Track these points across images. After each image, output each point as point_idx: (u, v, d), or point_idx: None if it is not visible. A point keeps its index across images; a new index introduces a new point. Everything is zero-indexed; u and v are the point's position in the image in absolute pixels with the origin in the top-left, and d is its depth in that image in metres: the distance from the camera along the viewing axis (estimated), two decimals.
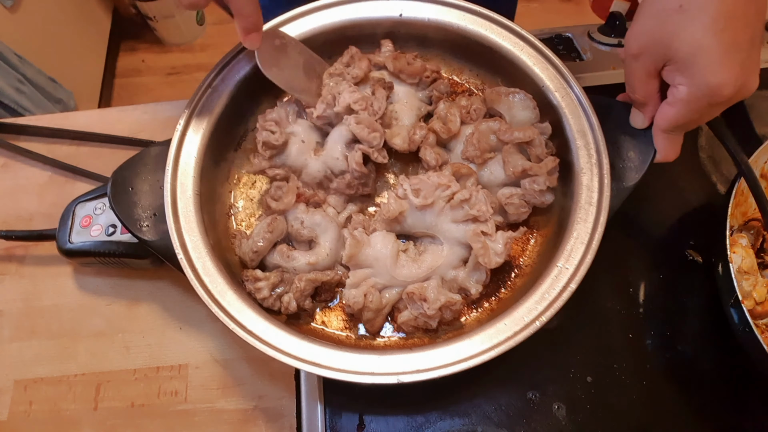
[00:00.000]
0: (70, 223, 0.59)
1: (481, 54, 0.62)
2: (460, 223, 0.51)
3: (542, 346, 0.55)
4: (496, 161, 0.56)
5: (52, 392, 0.57)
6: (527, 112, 0.57)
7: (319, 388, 0.54)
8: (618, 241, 0.61)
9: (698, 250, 0.61)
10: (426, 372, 0.45)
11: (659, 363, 0.55)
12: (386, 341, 0.53)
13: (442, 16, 0.61)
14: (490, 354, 0.45)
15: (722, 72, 0.42)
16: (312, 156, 0.57)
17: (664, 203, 0.64)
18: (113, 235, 0.58)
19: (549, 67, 0.58)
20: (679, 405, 0.54)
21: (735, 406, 0.54)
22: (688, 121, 0.47)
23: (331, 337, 0.53)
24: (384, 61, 0.59)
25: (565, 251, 0.50)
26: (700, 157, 0.67)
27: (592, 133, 0.54)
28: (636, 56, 0.47)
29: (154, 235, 0.51)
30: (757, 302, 0.54)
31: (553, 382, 0.54)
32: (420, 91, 0.61)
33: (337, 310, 0.54)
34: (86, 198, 0.60)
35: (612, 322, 0.57)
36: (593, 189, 0.52)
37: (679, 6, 0.42)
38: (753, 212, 0.60)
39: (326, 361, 0.46)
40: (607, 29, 0.73)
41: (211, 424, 0.55)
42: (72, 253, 0.58)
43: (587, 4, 2.18)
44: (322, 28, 0.61)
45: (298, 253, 0.53)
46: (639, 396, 0.54)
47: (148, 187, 0.53)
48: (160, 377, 0.57)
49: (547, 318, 0.46)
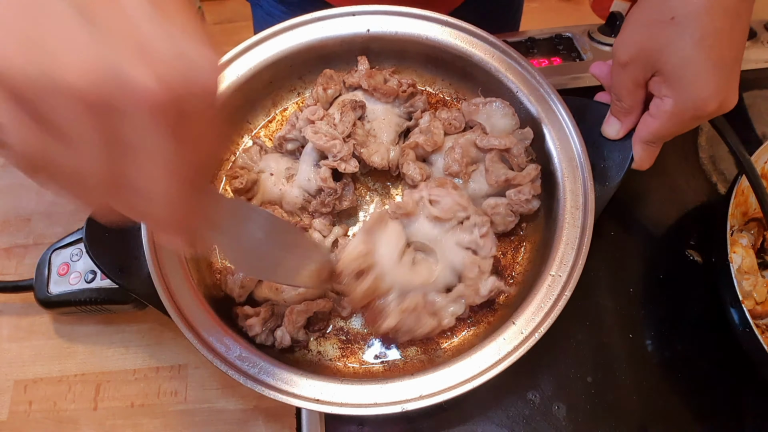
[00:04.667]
0: (46, 273, 0.56)
1: (452, 63, 0.61)
2: (461, 249, 0.50)
3: (542, 347, 0.55)
4: (479, 172, 0.55)
5: (52, 392, 0.57)
6: (507, 120, 0.57)
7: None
8: (618, 241, 0.61)
9: (698, 250, 0.61)
10: (430, 398, 0.44)
11: (659, 363, 0.55)
12: (385, 366, 0.52)
13: (410, 28, 0.60)
14: (493, 372, 0.45)
15: (709, 87, 0.43)
16: (287, 184, 0.56)
17: (664, 203, 0.64)
18: (93, 281, 0.55)
19: (521, 72, 0.58)
20: (679, 405, 0.54)
21: (735, 406, 0.54)
22: (669, 133, 0.47)
23: (329, 368, 0.51)
24: (358, 81, 0.58)
25: (557, 258, 0.50)
26: (700, 157, 0.67)
27: (570, 135, 0.55)
28: (624, 65, 0.47)
29: (137, 281, 0.49)
30: (757, 302, 0.54)
31: (553, 382, 0.54)
32: (397, 107, 0.60)
33: (332, 338, 0.53)
34: (61, 245, 0.57)
35: (612, 322, 0.57)
36: (578, 192, 0.52)
37: (671, 18, 0.43)
38: (753, 212, 0.60)
39: (328, 395, 0.45)
40: (607, 29, 0.73)
41: (210, 424, 0.55)
42: (52, 304, 0.56)
43: (587, 4, 2.18)
44: (291, 49, 0.60)
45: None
46: (639, 396, 0.54)
47: (124, 230, 0.51)
48: (160, 377, 0.57)
49: (545, 329, 0.46)
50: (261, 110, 0.64)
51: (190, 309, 0.48)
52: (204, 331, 0.47)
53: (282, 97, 0.64)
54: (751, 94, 0.71)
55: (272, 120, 0.64)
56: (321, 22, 0.60)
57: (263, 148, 0.59)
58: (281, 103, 0.64)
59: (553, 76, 0.70)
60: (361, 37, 0.61)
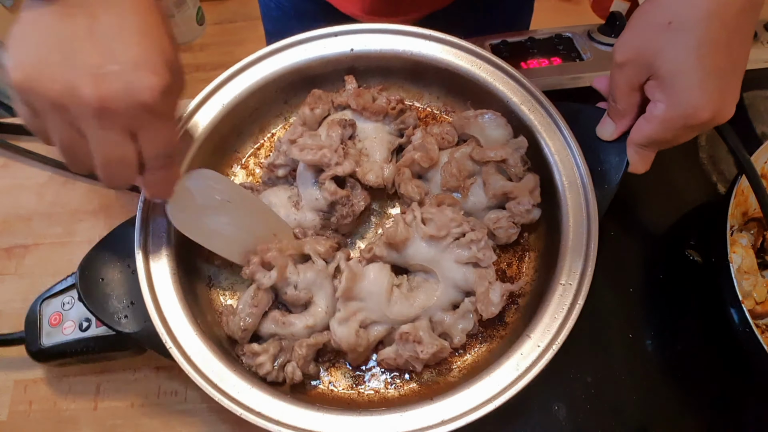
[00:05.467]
0: (38, 324, 0.53)
1: (438, 76, 0.61)
2: (461, 265, 0.50)
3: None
4: (477, 186, 0.55)
5: (52, 392, 0.57)
6: (500, 130, 0.56)
7: None
8: (618, 241, 0.62)
9: (698, 250, 0.61)
10: (453, 422, 0.43)
11: (659, 363, 0.55)
12: (401, 391, 0.51)
13: (393, 45, 0.60)
14: (514, 390, 0.44)
15: (700, 96, 0.43)
16: (297, 212, 0.55)
17: (664, 203, 0.64)
18: (88, 329, 0.52)
19: (510, 81, 0.57)
20: (679, 405, 0.54)
21: (735, 406, 0.54)
22: (662, 139, 0.47)
23: (343, 399, 0.50)
24: (347, 101, 0.58)
25: (565, 266, 0.49)
26: (700, 156, 0.67)
27: (565, 141, 0.54)
28: (621, 66, 0.47)
29: (136, 326, 0.48)
30: (757, 302, 0.54)
31: (553, 382, 0.54)
32: (388, 125, 0.60)
33: (343, 366, 0.52)
34: (50, 294, 0.54)
35: (612, 322, 0.57)
36: (578, 198, 0.52)
37: (668, 23, 0.43)
38: (753, 212, 0.60)
39: (348, 430, 0.43)
40: (607, 29, 0.73)
41: (210, 424, 0.55)
42: (46, 357, 0.53)
43: (587, 4, 2.18)
44: (275, 73, 0.59)
45: (294, 317, 0.50)
46: (639, 396, 0.54)
47: (119, 274, 0.49)
48: (160, 377, 0.57)
49: (562, 340, 0.46)
50: (248, 138, 0.63)
51: (195, 352, 0.46)
52: (212, 374, 0.45)
53: (269, 123, 0.64)
54: (751, 94, 0.71)
55: (260, 147, 0.63)
56: (304, 44, 0.60)
57: (254, 189, 0.58)
58: (268, 129, 0.64)
59: (553, 76, 0.70)
60: (345, 56, 0.60)
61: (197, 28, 2.15)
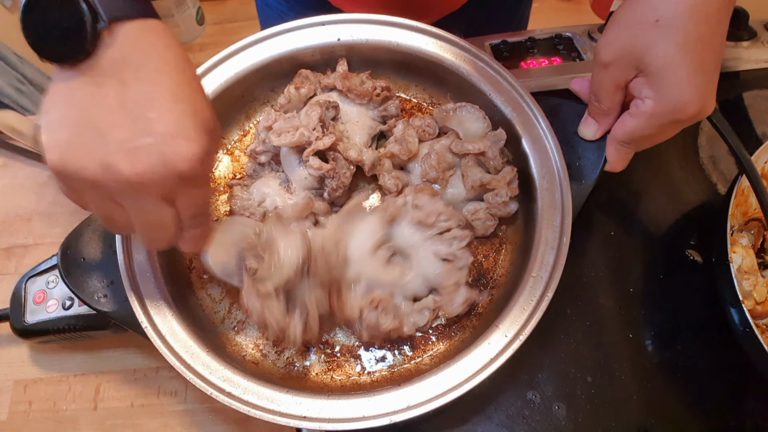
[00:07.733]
0: (22, 302, 0.54)
1: (425, 69, 0.61)
2: (437, 260, 0.50)
3: (542, 347, 0.55)
4: (456, 177, 0.56)
5: (52, 392, 0.57)
6: (479, 123, 0.57)
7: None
8: (618, 241, 0.61)
9: (698, 250, 0.61)
10: (418, 407, 0.44)
11: (659, 363, 0.55)
12: (372, 378, 0.51)
13: (380, 36, 0.60)
14: (479, 378, 0.45)
15: (690, 90, 0.43)
16: (291, 196, 0.56)
17: (665, 203, 0.64)
18: (71, 308, 0.53)
19: (493, 75, 0.58)
20: (679, 405, 0.54)
21: (735, 406, 0.54)
22: (646, 135, 0.48)
23: (316, 383, 0.51)
24: (333, 82, 0.58)
25: (537, 259, 0.50)
26: (700, 156, 0.67)
27: (544, 135, 0.55)
28: (606, 65, 0.47)
29: (114, 306, 0.48)
30: (757, 302, 0.54)
31: (553, 382, 0.54)
32: (371, 110, 0.60)
33: (318, 352, 0.53)
34: (35, 272, 0.55)
35: (612, 322, 0.57)
36: (554, 192, 0.52)
37: (656, 20, 0.43)
38: (753, 212, 0.60)
39: (315, 412, 0.44)
40: None
41: (210, 424, 0.55)
42: (29, 333, 0.54)
43: (587, 4, 2.18)
44: (262, 61, 0.59)
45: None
46: (639, 396, 0.54)
47: (100, 254, 0.50)
48: (160, 377, 0.57)
49: (529, 331, 0.46)
50: (234, 125, 0.63)
51: (171, 332, 0.47)
52: (185, 352, 0.46)
53: (255, 110, 0.64)
54: (751, 94, 0.71)
55: (246, 134, 0.63)
56: (291, 33, 0.60)
57: (242, 184, 0.58)
58: (254, 116, 0.64)
59: (553, 76, 0.70)
60: (331, 46, 0.60)
61: (197, 28, 2.15)
